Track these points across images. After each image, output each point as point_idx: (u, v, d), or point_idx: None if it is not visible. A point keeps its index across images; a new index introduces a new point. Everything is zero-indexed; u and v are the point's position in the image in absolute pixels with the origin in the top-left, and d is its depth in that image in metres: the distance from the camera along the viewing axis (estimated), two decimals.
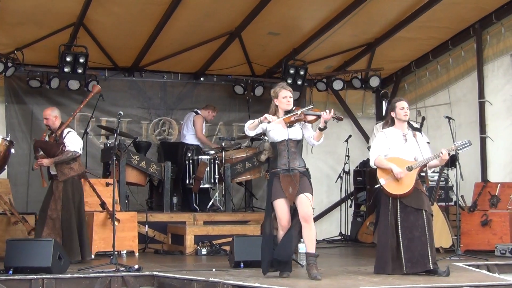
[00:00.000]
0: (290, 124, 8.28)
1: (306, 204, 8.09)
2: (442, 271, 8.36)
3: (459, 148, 8.76)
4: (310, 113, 8.39)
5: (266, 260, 8.27)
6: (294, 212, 8.24)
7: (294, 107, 8.41)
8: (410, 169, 8.46)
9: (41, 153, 9.95)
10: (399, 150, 8.60)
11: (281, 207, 8.18)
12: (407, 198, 8.48)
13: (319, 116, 8.32)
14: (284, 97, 8.36)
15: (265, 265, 8.29)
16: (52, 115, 9.97)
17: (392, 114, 8.70)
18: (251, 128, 8.30)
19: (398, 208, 8.48)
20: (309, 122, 8.41)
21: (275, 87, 8.52)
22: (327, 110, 8.25)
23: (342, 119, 8.58)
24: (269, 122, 8.17)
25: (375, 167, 8.68)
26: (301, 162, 8.32)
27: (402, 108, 8.63)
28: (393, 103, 8.77)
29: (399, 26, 13.09)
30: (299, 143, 8.41)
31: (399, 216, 8.46)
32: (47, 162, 9.88)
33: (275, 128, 8.28)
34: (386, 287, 7.29)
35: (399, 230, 8.45)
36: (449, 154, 8.67)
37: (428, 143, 9.72)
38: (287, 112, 8.35)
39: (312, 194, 8.22)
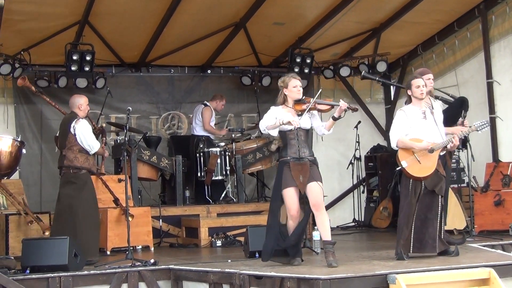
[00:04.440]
0: (300, 113, 8.26)
1: (317, 192, 8.10)
2: (452, 251, 8.42)
3: (478, 129, 8.73)
4: (324, 102, 8.40)
5: (269, 248, 8.29)
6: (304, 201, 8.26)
7: (304, 97, 8.40)
8: (431, 151, 8.40)
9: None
10: (419, 128, 8.49)
11: (290, 196, 8.17)
12: (428, 180, 8.42)
13: (332, 106, 8.33)
14: (295, 86, 8.37)
15: (267, 253, 8.32)
16: None
17: (409, 92, 8.63)
18: (270, 128, 8.26)
19: (421, 189, 8.42)
20: (321, 111, 8.38)
21: (284, 77, 8.52)
22: (342, 100, 8.24)
23: (357, 110, 8.58)
24: (295, 127, 8.12)
25: (397, 148, 8.55)
26: (310, 151, 8.35)
27: (417, 86, 8.53)
28: (409, 81, 8.70)
29: (403, 11, 13.07)
30: (308, 132, 8.41)
31: (420, 197, 8.43)
32: None
33: (285, 117, 8.20)
34: (402, 270, 7.29)
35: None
36: (465, 137, 8.61)
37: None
38: (297, 101, 8.36)
39: (322, 182, 8.21)
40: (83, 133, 9.49)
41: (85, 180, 9.55)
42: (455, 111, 9.75)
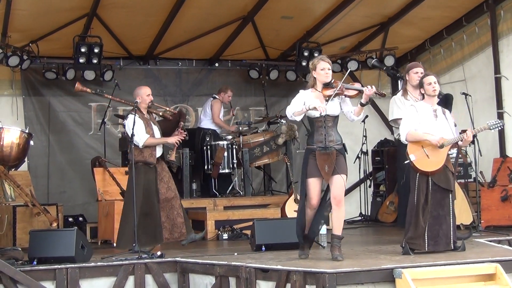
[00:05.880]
0: (328, 98, 8.08)
1: (340, 185, 8.01)
2: (458, 246, 8.41)
3: (492, 127, 8.68)
4: (351, 88, 8.23)
5: (300, 236, 8.34)
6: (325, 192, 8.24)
7: (333, 80, 8.21)
8: (441, 146, 8.37)
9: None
10: (429, 126, 8.45)
11: (313, 186, 8.09)
12: (436, 175, 8.39)
13: (360, 91, 8.20)
14: (323, 69, 8.17)
15: (300, 240, 8.36)
16: None
17: (422, 90, 8.57)
18: (297, 114, 8.10)
19: (429, 185, 8.40)
20: (349, 97, 8.23)
21: (313, 59, 8.33)
22: (370, 86, 8.08)
23: (385, 95, 8.54)
24: (321, 113, 7.94)
25: (407, 142, 8.50)
26: (338, 137, 8.16)
27: (429, 83, 8.48)
28: (421, 79, 8.65)
29: (412, 5, 13.05)
30: (336, 118, 8.22)
31: (429, 193, 8.41)
32: None
33: (312, 102, 8.04)
34: (408, 265, 7.30)
35: (427, 207, 8.41)
36: (474, 136, 8.59)
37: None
38: (326, 85, 8.19)
39: (347, 174, 8.14)
40: (129, 128, 9.54)
41: (138, 173, 9.54)
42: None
